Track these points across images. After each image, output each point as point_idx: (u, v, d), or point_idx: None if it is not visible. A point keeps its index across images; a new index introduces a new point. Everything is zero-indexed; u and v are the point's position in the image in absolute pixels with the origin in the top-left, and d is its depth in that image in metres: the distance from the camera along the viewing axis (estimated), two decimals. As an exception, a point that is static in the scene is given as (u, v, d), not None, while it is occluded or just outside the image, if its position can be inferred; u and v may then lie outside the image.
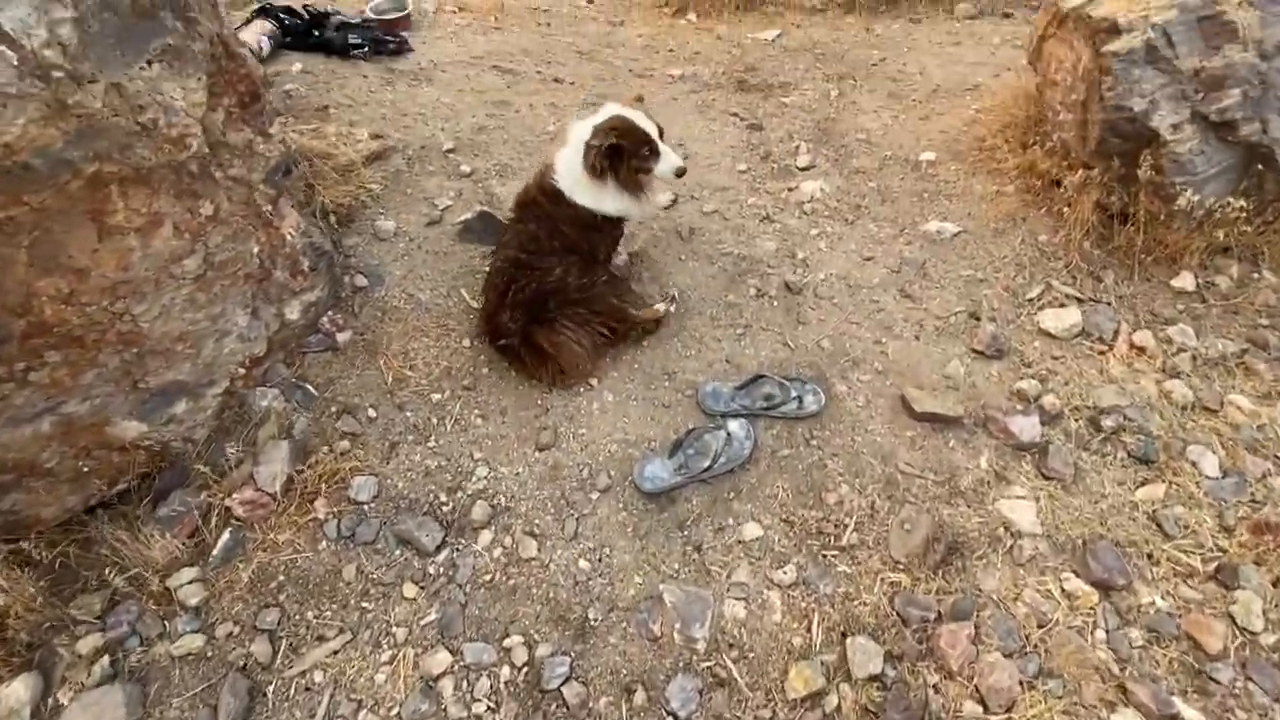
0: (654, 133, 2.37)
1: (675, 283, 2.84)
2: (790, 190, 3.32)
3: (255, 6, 3.74)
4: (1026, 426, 2.34)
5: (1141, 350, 2.62)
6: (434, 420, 2.37)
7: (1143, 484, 2.24)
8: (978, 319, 2.73)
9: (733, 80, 4.17)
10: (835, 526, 2.13)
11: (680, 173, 2.45)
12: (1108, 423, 2.37)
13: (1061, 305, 2.76)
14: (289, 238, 2.34)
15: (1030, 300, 2.80)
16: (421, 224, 2.89)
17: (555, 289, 2.42)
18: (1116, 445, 2.34)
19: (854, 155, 3.56)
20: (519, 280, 2.42)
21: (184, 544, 2.09)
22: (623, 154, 2.33)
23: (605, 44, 4.60)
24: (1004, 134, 3.50)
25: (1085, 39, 2.88)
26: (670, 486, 2.19)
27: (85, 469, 2.09)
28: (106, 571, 1.99)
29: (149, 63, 1.76)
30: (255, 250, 2.23)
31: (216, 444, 2.30)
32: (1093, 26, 2.81)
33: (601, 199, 2.43)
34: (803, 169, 3.46)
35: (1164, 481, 2.24)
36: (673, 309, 2.73)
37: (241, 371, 2.36)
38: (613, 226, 2.59)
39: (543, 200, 2.52)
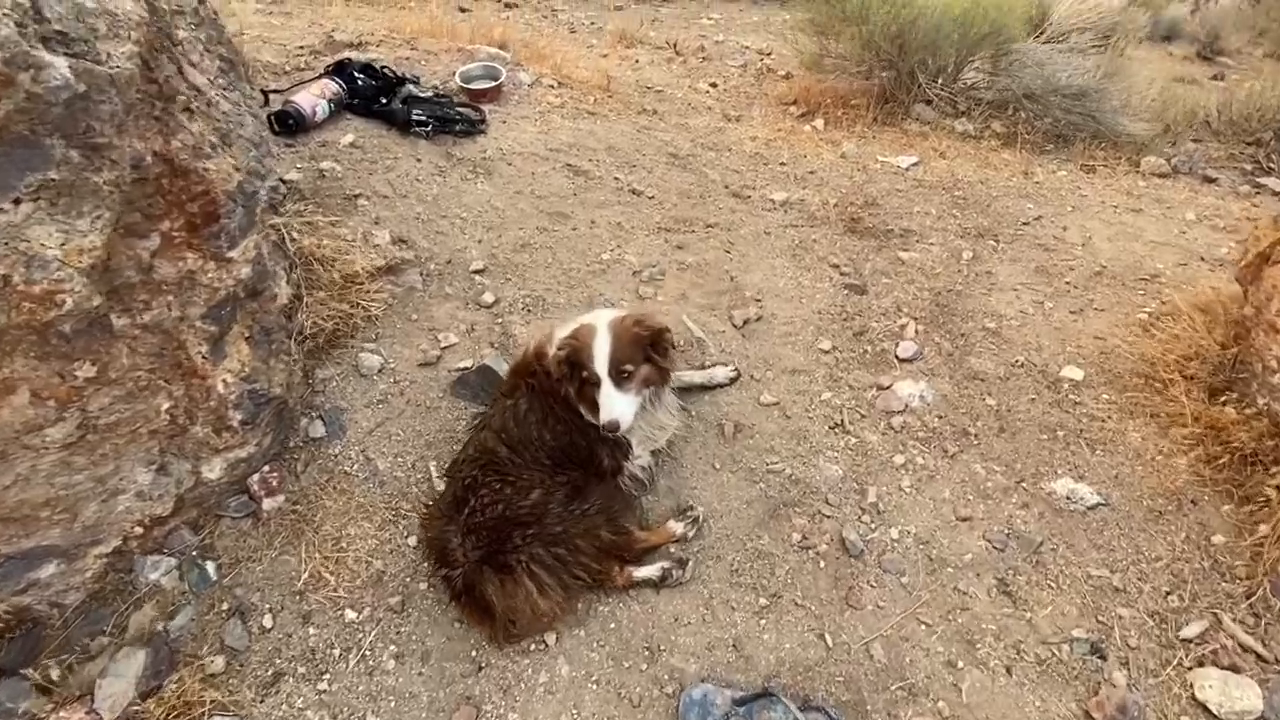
0: (600, 366, 1.89)
1: (699, 499, 2.21)
2: (880, 390, 2.62)
3: (333, 61, 3.46)
4: None
5: (1358, 784, 1.74)
6: (338, 651, 1.85)
7: None
8: (1103, 658, 1.93)
9: (845, 217, 3.51)
10: None
11: (610, 428, 1.89)
12: None
13: (1231, 666, 1.91)
14: (219, 389, 1.90)
15: (1185, 642, 1.97)
16: (414, 363, 2.41)
17: (528, 518, 1.86)
18: None
19: (975, 351, 2.81)
20: (483, 490, 1.89)
21: (-15, 764, 1.66)
22: (576, 371, 1.95)
23: (709, 145, 4.05)
24: (1185, 366, 2.65)
25: (1337, 292, 2.05)
26: None
27: (-90, 633, 1.71)
28: None
29: (15, 202, 1.35)
30: (165, 406, 1.80)
31: (88, 615, 1.88)
32: (1354, 281, 1.98)
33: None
34: (903, 360, 2.74)
35: None
36: (691, 533, 2.11)
37: (139, 531, 1.93)
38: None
39: (540, 372, 2.05)
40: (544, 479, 1.93)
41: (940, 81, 4.64)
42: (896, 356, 2.76)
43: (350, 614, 1.91)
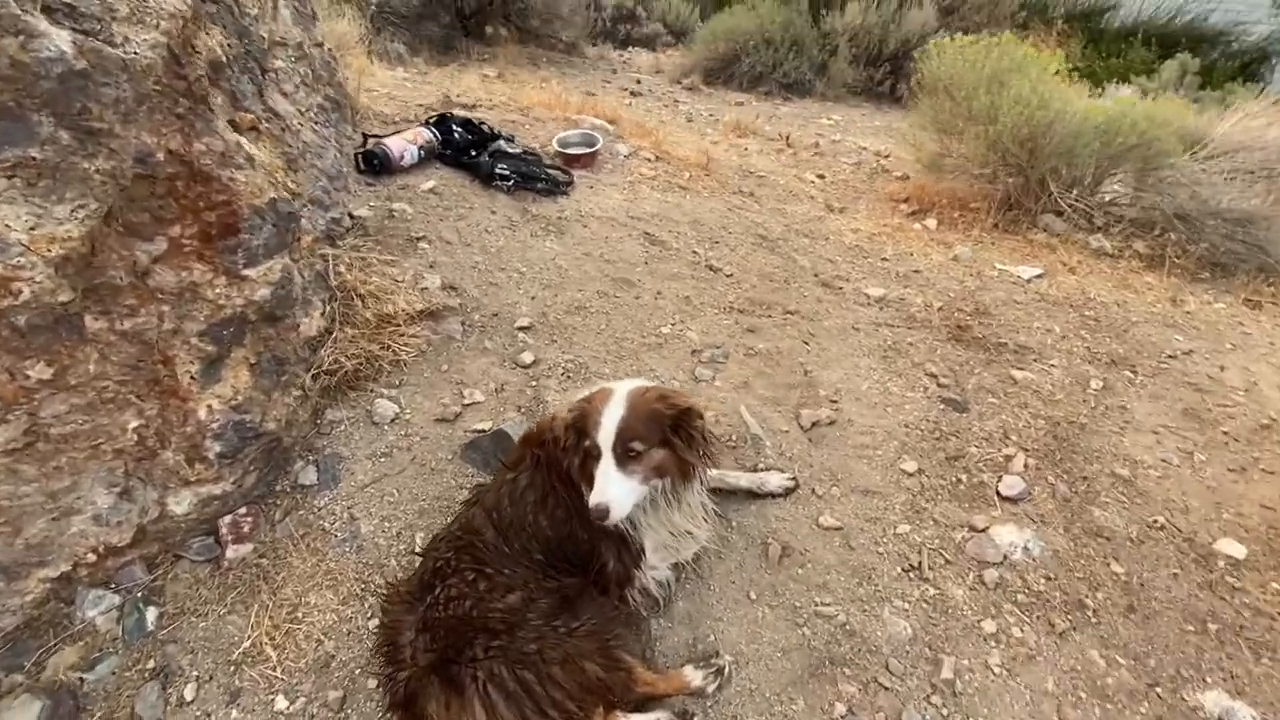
0: (603, 437, 1.55)
1: (724, 638, 1.79)
2: (973, 532, 2.13)
3: (436, 113, 3.50)
4: None
5: None
6: (255, 747, 1.54)
7: None
8: None
9: (950, 322, 3.08)
10: None
11: (598, 513, 1.52)
12: None
13: None
14: (200, 414, 1.72)
15: None
16: (431, 417, 2.18)
17: (498, 625, 1.51)
18: None
19: (1099, 500, 2.27)
20: (453, 579, 1.58)
21: None
22: (581, 440, 1.62)
23: (804, 233, 3.77)
24: (1398, 564, 2.00)
25: None
26: None
27: None
28: None
29: (-15, 178, 1.23)
30: (133, 425, 1.63)
31: (15, 646, 1.68)
32: None
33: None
34: (1006, 498, 2.24)
35: None
36: (711, 688, 1.67)
37: (91, 558, 1.74)
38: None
39: (548, 441, 1.74)
40: (529, 579, 1.59)
41: (1075, 192, 4.18)
42: (998, 493, 2.26)
43: (281, 702, 1.60)
